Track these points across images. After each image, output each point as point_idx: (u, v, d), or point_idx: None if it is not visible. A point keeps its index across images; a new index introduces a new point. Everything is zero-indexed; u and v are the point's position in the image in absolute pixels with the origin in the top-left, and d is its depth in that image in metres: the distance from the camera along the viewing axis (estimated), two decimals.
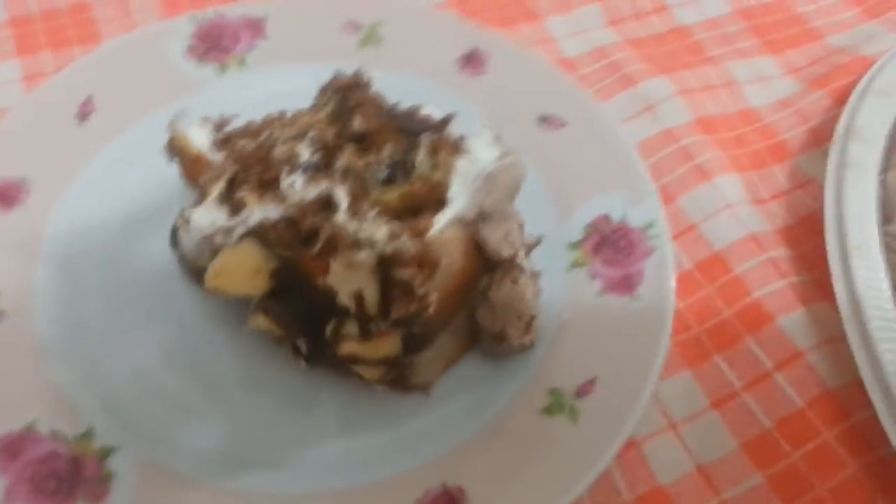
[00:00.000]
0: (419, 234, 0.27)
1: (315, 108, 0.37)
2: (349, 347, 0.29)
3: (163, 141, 0.39)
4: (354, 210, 0.29)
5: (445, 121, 0.34)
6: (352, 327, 0.29)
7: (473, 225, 0.28)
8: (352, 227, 0.28)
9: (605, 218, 0.37)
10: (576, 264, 0.36)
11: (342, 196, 0.29)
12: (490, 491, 0.29)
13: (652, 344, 0.32)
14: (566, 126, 0.40)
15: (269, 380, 0.33)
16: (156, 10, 0.50)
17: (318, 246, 0.28)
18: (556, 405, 0.31)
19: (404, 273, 0.26)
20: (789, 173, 0.44)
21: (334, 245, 0.28)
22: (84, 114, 0.39)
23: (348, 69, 0.40)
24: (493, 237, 0.29)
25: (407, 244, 0.26)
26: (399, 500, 0.29)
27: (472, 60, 0.44)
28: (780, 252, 0.39)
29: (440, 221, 0.27)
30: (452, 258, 0.28)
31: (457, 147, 0.30)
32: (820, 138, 0.45)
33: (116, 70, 0.41)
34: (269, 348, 0.34)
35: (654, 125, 0.45)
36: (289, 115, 0.38)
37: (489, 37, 0.44)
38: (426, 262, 0.26)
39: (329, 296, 0.29)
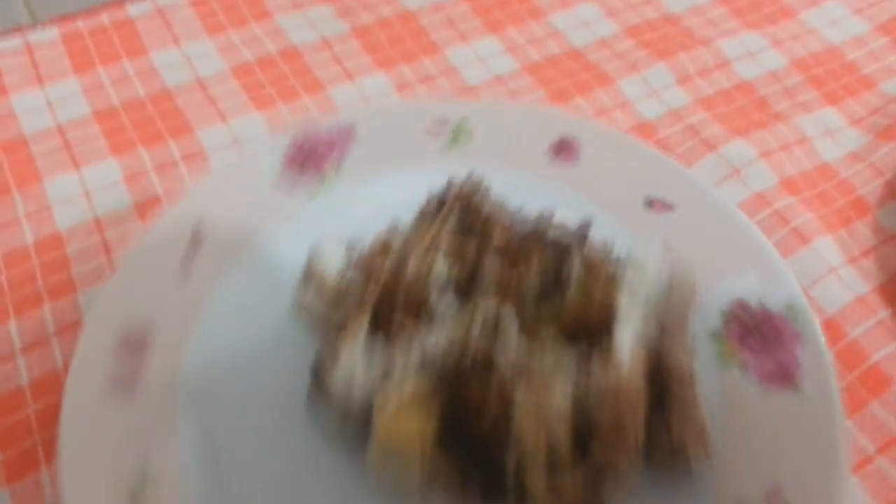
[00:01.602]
0: (612, 362, 0.28)
1: (432, 217, 0.37)
2: (535, 483, 0.29)
3: (277, 263, 0.39)
4: (528, 334, 0.30)
5: (585, 226, 0.35)
6: (538, 462, 0.30)
7: (655, 341, 0.30)
8: (534, 356, 0.29)
9: (743, 304, 0.38)
10: (723, 356, 0.37)
11: (509, 319, 0.30)
12: None
13: (832, 442, 0.32)
14: (675, 208, 0.42)
15: None
16: (238, 95, 0.50)
17: (496, 377, 0.29)
18: None
19: (610, 412, 0.27)
20: (872, 229, 0.46)
21: (516, 376, 0.29)
22: (194, 247, 0.39)
23: (443, 170, 0.41)
24: (676, 351, 0.30)
25: (603, 376, 0.27)
26: None
27: (563, 148, 0.45)
28: (885, 312, 0.42)
29: (623, 343, 0.29)
30: (641, 380, 0.29)
31: (616, 259, 0.32)
32: (895, 192, 0.48)
33: (218, 197, 0.41)
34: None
35: (744, 189, 0.47)
36: (406, 226, 0.38)
37: (578, 122, 0.45)
38: (629, 398, 0.27)
39: (510, 428, 0.30)
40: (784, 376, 0.35)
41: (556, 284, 0.32)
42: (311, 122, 0.44)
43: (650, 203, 0.42)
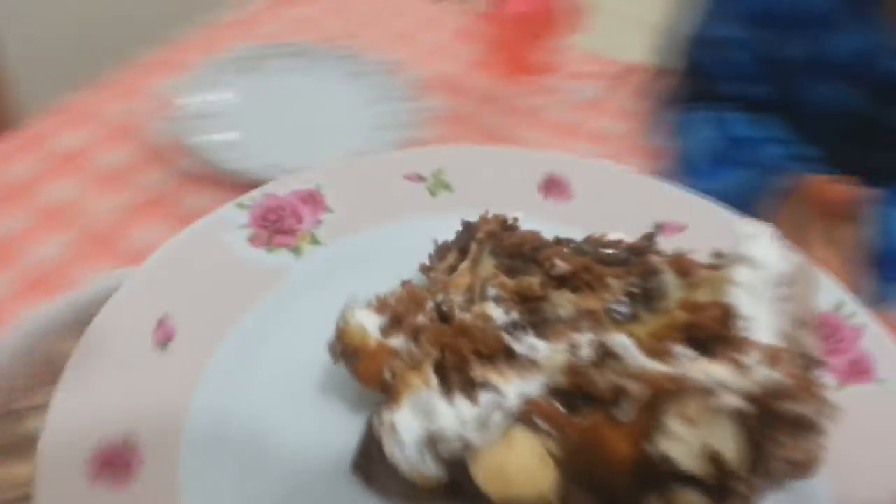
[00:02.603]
0: (775, 360, 0.22)
1: (453, 261, 0.32)
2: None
3: (261, 351, 0.32)
4: (649, 351, 0.24)
5: (650, 235, 0.31)
6: (689, 497, 0.23)
7: (792, 337, 0.24)
8: (681, 371, 0.23)
9: None
10: None
11: (622, 342, 0.24)
12: None
13: None
14: (686, 228, 0.38)
15: None
16: None
17: (633, 407, 0.23)
18: None
19: (799, 407, 0.21)
20: None
21: (656, 400, 0.23)
22: (164, 340, 0.31)
23: (426, 220, 0.37)
24: (813, 343, 0.25)
25: (775, 375, 0.22)
26: None
27: (553, 186, 0.41)
28: None
29: (763, 341, 0.23)
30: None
31: (713, 260, 0.27)
32: None
33: (180, 279, 0.33)
34: None
35: None
36: (422, 280, 0.33)
37: (563, 158, 0.42)
38: (810, 390, 0.22)
39: (648, 465, 0.23)
40: (860, 372, 0.31)
41: (647, 300, 0.26)
42: (268, 188, 0.38)
43: (661, 227, 0.38)
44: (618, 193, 0.40)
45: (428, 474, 0.25)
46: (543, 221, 0.39)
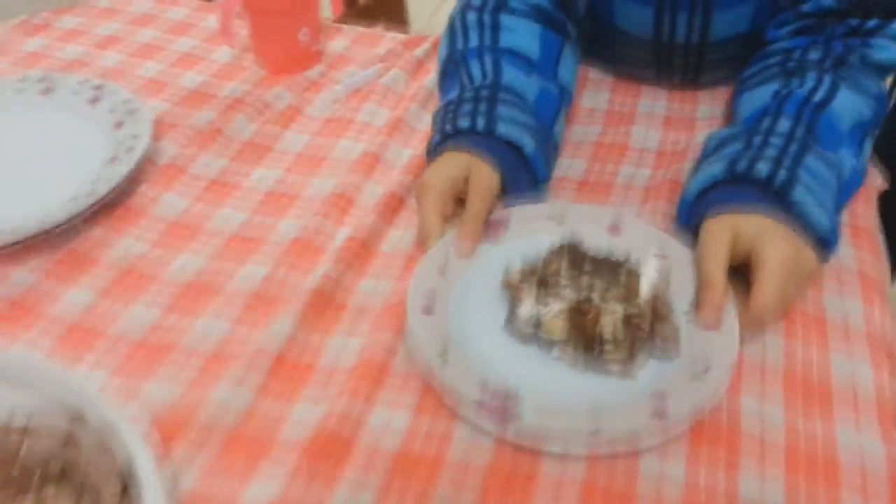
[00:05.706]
0: (636, 306, 0.70)
1: (554, 259, 0.81)
2: (608, 351, 0.71)
3: (479, 271, 0.83)
4: (603, 299, 0.72)
5: (626, 259, 0.78)
6: (610, 345, 0.71)
7: (654, 296, 0.71)
8: (607, 307, 0.71)
9: None
10: (688, 320, 0.78)
11: (596, 296, 0.73)
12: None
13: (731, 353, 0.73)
14: (669, 258, 0.83)
15: (555, 374, 0.74)
16: None
17: (591, 315, 0.71)
18: (696, 377, 0.71)
19: (638, 321, 0.69)
20: None
21: (599, 313, 0.71)
22: (443, 264, 0.82)
23: (552, 237, 0.85)
24: (661, 302, 0.71)
25: (634, 309, 0.69)
26: (632, 414, 0.69)
27: (614, 228, 0.88)
28: None
29: (644, 295, 0.71)
30: (648, 306, 0.71)
31: (638, 270, 0.74)
32: None
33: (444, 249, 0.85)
34: (554, 361, 0.75)
35: None
36: (540, 260, 0.81)
37: (622, 213, 0.89)
38: (643, 315, 0.69)
39: (596, 333, 0.71)
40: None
41: (616, 280, 0.74)
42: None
43: (657, 255, 0.84)
44: (642, 238, 0.86)
45: (526, 330, 0.75)
46: (607, 245, 0.86)
